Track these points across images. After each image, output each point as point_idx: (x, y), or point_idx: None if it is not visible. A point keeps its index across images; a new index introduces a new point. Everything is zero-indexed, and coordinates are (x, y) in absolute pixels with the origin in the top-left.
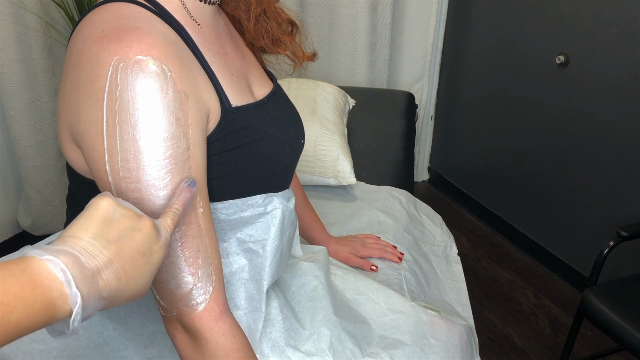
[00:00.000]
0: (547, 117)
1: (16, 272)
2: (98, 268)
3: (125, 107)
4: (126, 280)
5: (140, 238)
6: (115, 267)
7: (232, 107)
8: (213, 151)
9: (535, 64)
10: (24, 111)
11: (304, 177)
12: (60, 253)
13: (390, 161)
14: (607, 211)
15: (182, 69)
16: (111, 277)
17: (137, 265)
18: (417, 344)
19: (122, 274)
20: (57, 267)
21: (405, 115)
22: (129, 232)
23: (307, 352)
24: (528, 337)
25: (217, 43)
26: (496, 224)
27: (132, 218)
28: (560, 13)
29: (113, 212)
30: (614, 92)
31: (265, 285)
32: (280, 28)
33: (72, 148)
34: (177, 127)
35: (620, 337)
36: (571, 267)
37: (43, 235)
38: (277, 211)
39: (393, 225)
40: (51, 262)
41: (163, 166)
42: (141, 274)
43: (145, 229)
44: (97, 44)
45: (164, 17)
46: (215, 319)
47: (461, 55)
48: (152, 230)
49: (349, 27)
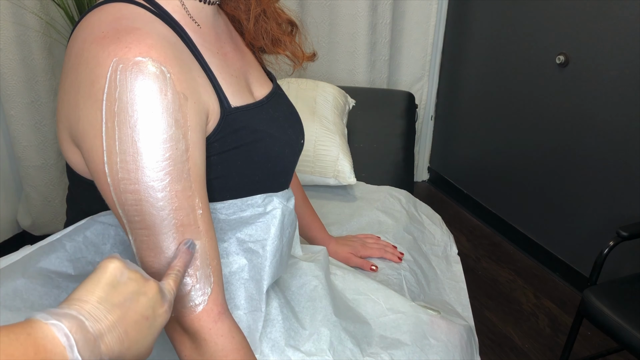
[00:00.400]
0: (547, 116)
1: (21, 336)
2: (101, 332)
3: (124, 108)
4: (128, 344)
5: (144, 302)
6: (118, 331)
7: (232, 108)
8: (212, 151)
9: (535, 64)
10: (24, 111)
11: (304, 177)
12: (65, 317)
13: (390, 161)
14: (607, 211)
15: (181, 70)
16: (113, 341)
17: (140, 329)
18: (417, 344)
19: (124, 338)
20: (61, 331)
21: (405, 115)
22: (134, 296)
23: (307, 352)
24: (528, 337)
25: (216, 43)
26: (496, 224)
27: (139, 281)
28: (560, 13)
29: (120, 275)
30: (614, 92)
31: (265, 285)
32: (280, 28)
33: (72, 148)
34: (176, 129)
35: (620, 337)
36: (571, 267)
37: (43, 235)
38: (276, 211)
39: (393, 225)
40: (55, 326)
41: (162, 167)
42: (144, 337)
43: (150, 293)
44: (97, 44)
45: (163, 18)
46: (214, 319)
47: (461, 55)
48: (157, 294)
49: (348, 27)
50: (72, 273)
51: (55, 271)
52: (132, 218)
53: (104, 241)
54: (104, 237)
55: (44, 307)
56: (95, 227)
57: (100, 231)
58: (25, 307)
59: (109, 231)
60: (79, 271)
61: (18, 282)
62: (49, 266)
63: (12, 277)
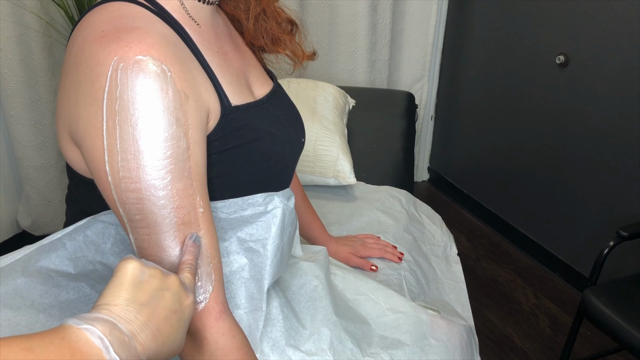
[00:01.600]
0: (547, 116)
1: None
2: (134, 333)
3: (125, 107)
4: (162, 341)
5: (169, 297)
6: (150, 329)
7: (232, 106)
8: (213, 150)
9: (535, 64)
10: (24, 111)
11: (304, 177)
12: (96, 321)
13: (390, 161)
14: (607, 211)
15: (181, 69)
16: (148, 340)
17: (171, 324)
18: (417, 344)
19: (158, 335)
20: (94, 335)
21: (405, 115)
22: (159, 293)
23: (308, 352)
24: (528, 337)
25: (216, 42)
26: (496, 224)
27: (160, 278)
28: (560, 13)
29: (141, 274)
30: (614, 92)
31: (265, 285)
32: (280, 27)
33: (71, 148)
34: (177, 127)
35: (620, 337)
36: (571, 267)
37: (43, 235)
38: (277, 210)
39: (393, 225)
40: (88, 330)
41: (163, 166)
42: (176, 332)
43: (174, 287)
44: (97, 43)
45: (163, 17)
46: (215, 318)
47: (461, 55)
48: (180, 287)
49: (348, 28)
50: (73, 272)
51: (55, 270)
52: (133, 217)
53: (104, 240)
54: (105, 236)
55: (44, 306)
56: (96, 226)
57: (100, 230)
58: (25, 306)
59: (110, 230)
60: (79, 270)
61: (18, 281)
62: (49, 265)
63: (12, 276)
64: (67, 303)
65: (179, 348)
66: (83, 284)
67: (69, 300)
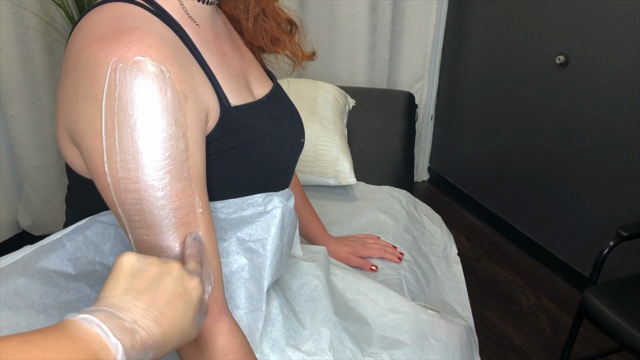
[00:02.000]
0: (547, 117)
1: (55, 333)
2: (134, 319)
3: (124, 107)
4: (168, 324)
5: (171, 280)
6: (152, 314)
7: (231, 107)
8: (212, 150)
9: (535, 64)
10: (24, 111)
11: (304, 177)
12: (93, 312)
13: (390, 161)
14: (607, 211)
15: (180, 70)
16: (151, 325)
17: (176, 307)
18: (417, 344)
19: (161, 319)
20: (92, 323)
21: (405, 115)
22: (158, 278)
23: (308, 352)
24: (528, 337)
25: (215, 43)
26: (496, 224)
27: (159, 264)
28: (560, 13)
29: (138, 263)
30: (614, 92)
31: (265, 285)
32: (279, 27)
33: (71, 148)
34: (176, 128)
35: (620, 337)
36: (571, 267)
37: (43, 235)
38: (277, 210)
39: (393, 225)
40: (85, 319)
41: (162, 167)
42: (182, 314)
43: (174, 271)
44: (96, 44)
45: (162, 17)
46: (215, 318)
47: (461, 55)
48: (181, 270)
49: (348, 28)
50: (72, 272)
51: (55, 270)
52: (132, 217)
53: (104, 241)
54: (104, 236)
55: (44, 306)
56: (96, 227)
57: (100, 231)
58: (25, 306)
59: (109, 231)
60: (79, 270)
61: (18, 282)
62: (49, 265)
63: (12, 277)
64: (67, 303)
65: (190, 333)
66: (83, 284)
67: (69, 301)
